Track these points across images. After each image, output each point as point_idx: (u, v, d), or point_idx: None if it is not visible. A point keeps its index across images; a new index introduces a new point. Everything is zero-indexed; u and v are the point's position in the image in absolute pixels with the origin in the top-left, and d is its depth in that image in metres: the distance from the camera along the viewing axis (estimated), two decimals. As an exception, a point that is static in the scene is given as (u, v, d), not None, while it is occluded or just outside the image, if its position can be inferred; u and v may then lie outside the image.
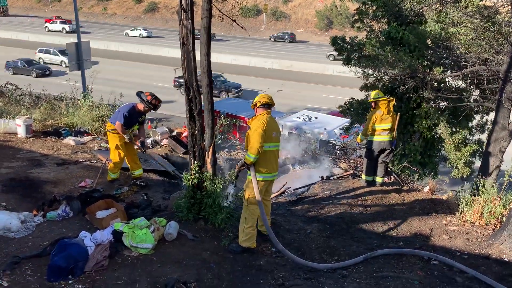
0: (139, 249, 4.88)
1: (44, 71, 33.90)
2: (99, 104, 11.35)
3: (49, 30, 57.51)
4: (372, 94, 7.82)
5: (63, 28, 57.53)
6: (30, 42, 48.94)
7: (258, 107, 5.30)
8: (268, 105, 5.29)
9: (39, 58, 37.47)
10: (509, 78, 8.78)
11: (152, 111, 7.32)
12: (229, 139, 18.73)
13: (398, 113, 7.80)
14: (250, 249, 5.23)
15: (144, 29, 57.09)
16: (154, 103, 7.13)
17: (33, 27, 59.41)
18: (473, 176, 14.15)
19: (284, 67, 39.79)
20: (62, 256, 4.43)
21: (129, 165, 7.56)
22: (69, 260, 4.41)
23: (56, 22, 58.81)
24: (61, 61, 36.21)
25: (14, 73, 33.17)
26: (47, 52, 38.44)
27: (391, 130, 7.65)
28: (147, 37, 55.18)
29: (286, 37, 56.53)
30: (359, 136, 8.14)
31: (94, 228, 5.37)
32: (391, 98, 7.73)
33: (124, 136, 7.15)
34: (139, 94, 7.22)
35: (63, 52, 35.15)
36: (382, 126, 7.57)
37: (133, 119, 7.23)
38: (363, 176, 8.03)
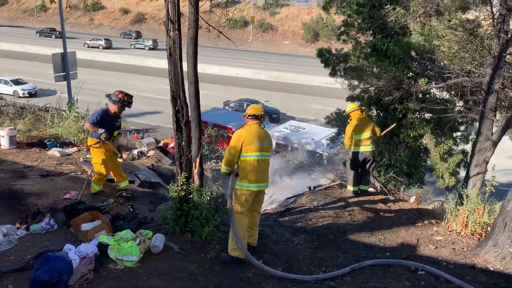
0: (125, 262, 4.81)
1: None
2: (85, 115, 11.26)
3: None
4: (347, 108, 8.16)
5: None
6: (15, 52, 48.47)
7: (247, 118, 5.36)
8: (255, 116, 5.32)
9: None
10: (492, 89, 8.94)
11: (127, 109, 7.09)
12: (216, 150, 18.67)
13: (394, 123, 8.02)
14: (240, 259, 5.18)
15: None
16: (127, 99, 6.95)
17: (17, 37, 58.89)
18: (458, 186, 14.31)
19: (271, 78, 40.02)
20: (45, 270, 4.33)
21: (115, 178, 7.45)
22: (53, 273, 4.31)
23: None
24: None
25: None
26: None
27: (372, 139, 7.83)
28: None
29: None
30: (346, 144, 8.25)
31: (79, 241, 5.28)
32: (363, 108, 8.02)
33: (100, 137, 6.83)
34: (109, 96, 7.07)
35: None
36: (364, 135, 7.75)
37: (108, 123, 6.98)
38: (350, 188, 8.09)
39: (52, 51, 17.23)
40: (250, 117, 5.33)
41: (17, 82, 32.61)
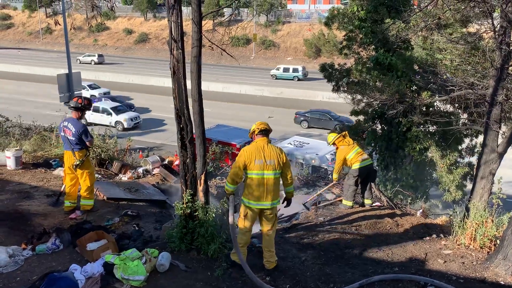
0: (131, 282, 4.78)
1: None
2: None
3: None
4: (329, 139, 8.36)
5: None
6: (21, 74, 49.06)
7: (256, 134, 5.32)
8: (266, 131, 5.30)
9: None
10: (496, 101, 8.94)
11: (88, 112, 7.17)
12: (221, 167, 18.67)
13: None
14: (238, 265, 5.16)
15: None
16: (85, 103, 7.03)
17: (22, 59, 59.64)
18: (465, 199, 14.21)
19: (274, 94, 40.19)
20: (51, 291, 4.32)
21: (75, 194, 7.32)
22: (59, 294, 4.29)
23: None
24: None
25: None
26: None
27: (366, 154, 8.12)
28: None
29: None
30: (334, 175, 8.38)
31: (85, 261, 5.26)
32: (343, 133, 8.32)
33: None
34: (69, 106, 7.19)
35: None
36: (355, 151, 7.93)
37: None
38: (347, 202, 8.07)
39: (57, 72, 17.42)
40: (260, 132, 5.30)
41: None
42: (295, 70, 47.11)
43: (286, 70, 47.55)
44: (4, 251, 5.34)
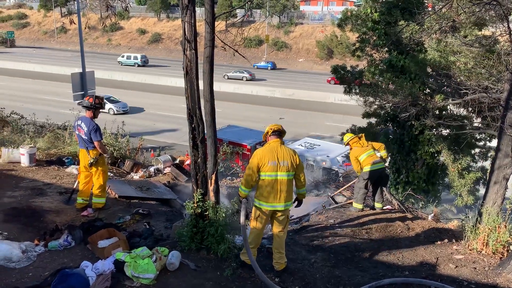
0: (141, 279, 4.81)
1: None
2: (103, 132, 11.42)
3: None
4: (344, 139, 8.39)
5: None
6: (36, 72, 49.72)
7: (269, 136, 5.33)
8: (279, 132, 5.30)
9: None
10: (510, 105, 8.81)
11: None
12: (231, 167, 18.72)
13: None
14: (248, 264, 5.20)
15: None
16: (98, 101, 7.07)
17: (37, 58, 60.47)
18: (478, 204, 14.04)
19: (285, 95, 40.15)
20: (63, 287, 4.36)
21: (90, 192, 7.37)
22: (70, 291, 4.34)
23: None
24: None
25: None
26: None
27: (378, 157, 8.03)
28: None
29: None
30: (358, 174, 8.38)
31: (96, 258, 5.31)
32: (360, 135, 8.29)
33: (107, 152, 6.95)
34: (82, 105, 7.19)
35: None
36: (367, 153, 7.89)
37: None
38: (357, 205, 8.03)
39: (71, 71, 17.63)
40: (274, 133, 5.30)
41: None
42: (135, 58, 56.90)
43: (128, 57, 57.45)
44: (18, 247, 5.42)
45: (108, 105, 31.57)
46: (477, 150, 14.21)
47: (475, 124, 12.36)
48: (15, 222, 6.46)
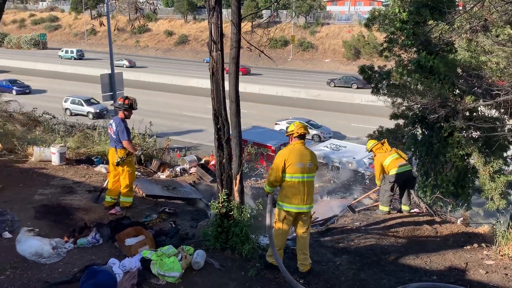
0: (167, 278, 4.87)
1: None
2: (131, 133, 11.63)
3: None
4: (368, 146, 8.37)
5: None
6: (67, 73, 51.08)
7: (294, 137, 5.31)
8: (300, 135, 5.28)
9: None
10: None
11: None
12: (256, 168, 18.75)
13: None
14: (274, 266, 5.20)
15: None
16: (129, 102, 7.13)
17: (69, 59, 62.21)
18: (510, 208, 13.60)
19: (311, 96, 39.92)
20: (91, 283, 4.45)
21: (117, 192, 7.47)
22: (98, 287, 4.43)
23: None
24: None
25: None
26: None
27: (404, 159, 7.96)
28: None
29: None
30: (377, 182, 8.29)
31: (123, 255, 5.40)
32: (382, 141, 8.26)
33: (137, 151, 7.09)
34: (114, 106, 7.36)
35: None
36: (392, 157, 7.81)
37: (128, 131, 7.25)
38: (383, 208, 7.92)
39: (100, 72, 18.03)
40: (296, 136, 5.29)
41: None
42: (71, 52, 64.40)
43: (67, 52, 65.01)
44: (48, 243, 5.57)
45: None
46: (509, 152, 13.77)
47: (508, 127, 11.98)
48: (46, 219, 6.64)
